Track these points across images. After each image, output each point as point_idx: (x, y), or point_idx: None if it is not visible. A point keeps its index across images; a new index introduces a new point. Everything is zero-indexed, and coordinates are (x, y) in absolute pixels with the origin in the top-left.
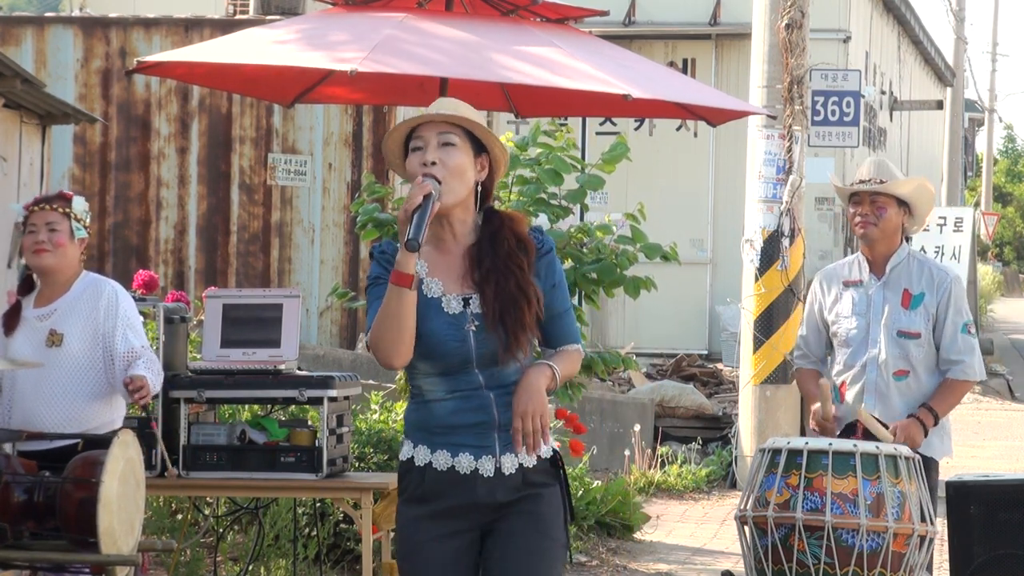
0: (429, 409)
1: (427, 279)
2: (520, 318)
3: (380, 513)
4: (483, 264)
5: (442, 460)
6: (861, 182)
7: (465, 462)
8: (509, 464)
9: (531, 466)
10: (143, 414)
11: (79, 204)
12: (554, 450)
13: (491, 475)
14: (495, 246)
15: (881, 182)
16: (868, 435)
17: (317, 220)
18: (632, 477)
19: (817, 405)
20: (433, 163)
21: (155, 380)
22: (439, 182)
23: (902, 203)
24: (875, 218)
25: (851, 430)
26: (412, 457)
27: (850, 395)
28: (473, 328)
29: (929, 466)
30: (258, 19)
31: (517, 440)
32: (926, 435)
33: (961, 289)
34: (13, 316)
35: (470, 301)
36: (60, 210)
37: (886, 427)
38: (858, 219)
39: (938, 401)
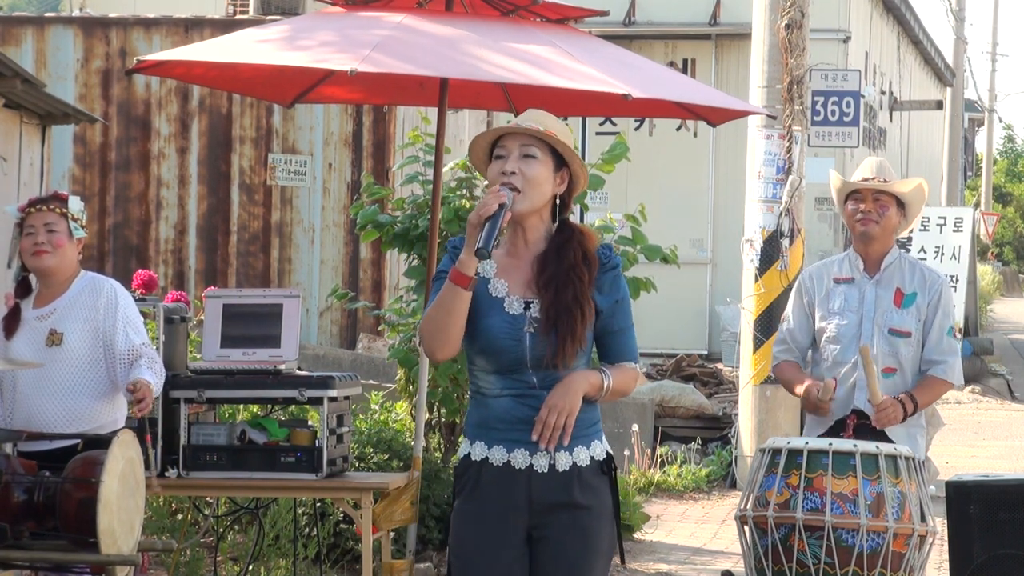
0: (487, 406)
1: (494, 279)
2: (572, 327)
3: (380, 513)
4: (546, 271)
5: (498, 455)
6: (864, 180)
7: (520, 458)
8: (563, 461)
9: (584, 465)
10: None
11: (75, 204)
12: (607, 453)
13: (545, 471)
14: (561, 256)
15: (884, 181)
16: (858, 432)
17: (317, 220)
18: (632, 477)
19: (809, 388)
20: (512, 173)
21: (157, 381)
22: (517, 191)
23: (900, 204)
24: (877, 215)
25: (840, 426)
26: (469, 453)
27: (840, 392)
28: (530, 331)
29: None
30: (258, 19)
31: (536, 429)
32: (904, 419)
33: (950, 292)
34: (12, 319)
35: (531, 305)
36: (57, 211)
37: (857, 412)
38: (859, 215)
39: (920, 392)
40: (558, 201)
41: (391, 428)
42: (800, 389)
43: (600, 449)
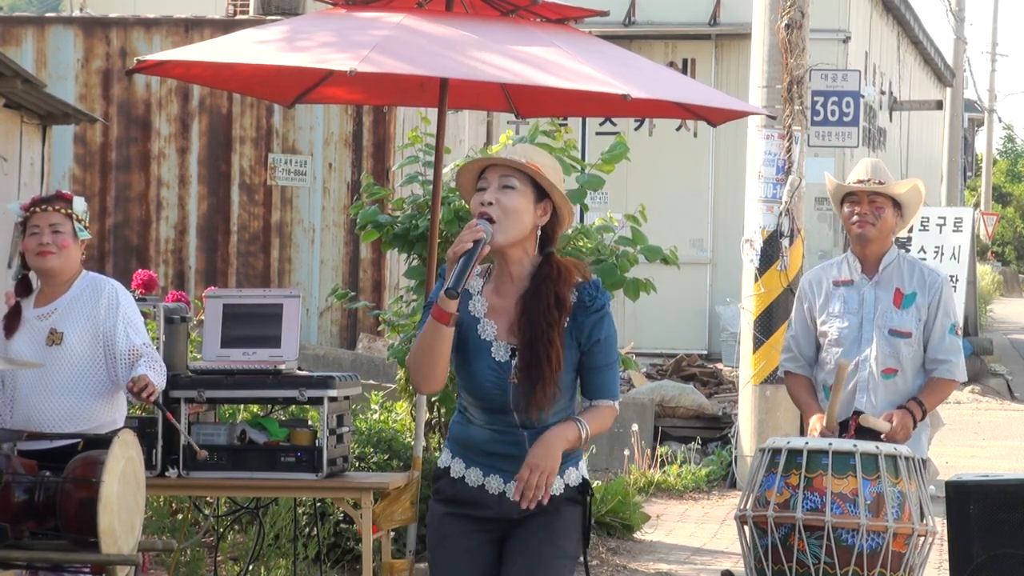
0: (469, 432)
1: (484, 320)
2: (542, 374)
3: (380, 513)
4: (523, 317)
5: (474, 477)
6: (859, 182)
7: (495, 483)
8: None
9: (557, 494)
10: (155, 410)
11: (79, 205)
12: (583, 479)
13: (517, 499)
14: (536, 299)
15: (880, 183)
16: (861, 432)
17: (317, 220)
18: (632, 477)
19: (815, 418)
20: (490, 203)
21: (158, 378)
22: (492, 222)
23: (896, 205)
24: (873, 218)
25: (843, 428)
26: (449, 467)
27: (842, 395)
28: (514, 381)
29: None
30: (258, 19)
31: (517, 488)
32: (914, 427)
33: (951, 291)
34: (13, 318)
35: (517, 353)
36: (63, 211)
37: (860, 414)
38: (855, 218)
39: (926, 396)
40: (539, 233)
41: (391, 428)
42: (810, 420)
43: (575, 476)
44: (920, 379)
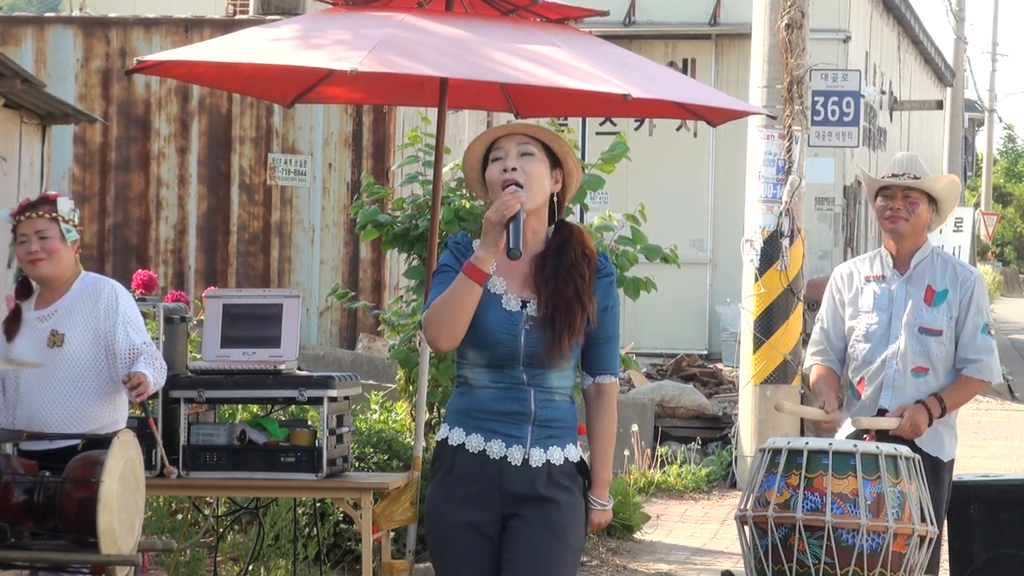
0: (472, 395)
1: (494, 277)
2: (571, 321)
3: (380, 513)
4: (546, 269)
5: (475, 443)
6: (894, 175)
7: (496, 448)
8: (537, 457)
9: (558, 464)
10: (142, 414)
11: (64, 205)
12: (581, 458)
13: (518, 464)
14: (561, 255)
15: (915, 177)
16: (881, 434)
17: (317, 220)
18: (632, 477)
19: (817, 412)
20: (514, 169)
21: (158, 376)
22: (520, 187)
23: (932, 200)
24: (907, 213)
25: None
26: (447, 438)
27: (868, 392)
28: (526, 328)
29: (939, 467)
30: (258, 19)
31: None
32: (930, 424)
33: (983, 288)
34: (14, 321)
35: (528, 303)
36: (47, 216)
37: (884, 412)
38: (888, 213)
39: (949, 393)
40: (555, 200)
41: (391, 428)
42: (812, 408)
43: (575, 453)
44: (952, 378)
